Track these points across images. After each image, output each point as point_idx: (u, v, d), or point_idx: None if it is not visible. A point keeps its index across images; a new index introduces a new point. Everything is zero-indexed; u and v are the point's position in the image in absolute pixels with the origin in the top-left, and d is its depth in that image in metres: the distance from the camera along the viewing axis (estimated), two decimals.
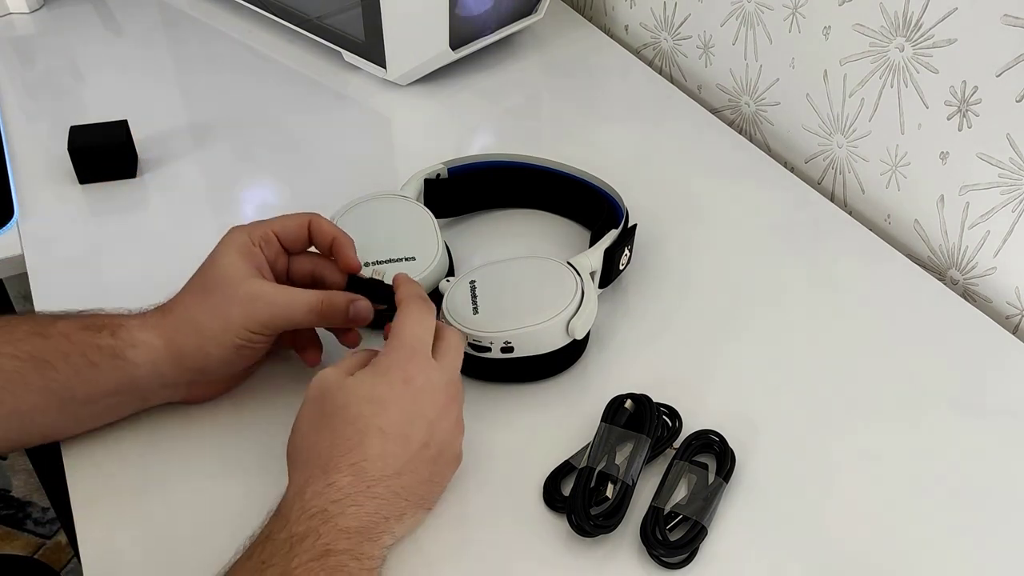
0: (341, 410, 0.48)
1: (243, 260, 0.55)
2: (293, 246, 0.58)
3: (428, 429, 0.49)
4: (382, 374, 0.49)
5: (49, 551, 1.38)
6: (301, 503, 0.45)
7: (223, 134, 0.84)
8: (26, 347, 0.52)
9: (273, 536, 0.44)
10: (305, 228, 0.57)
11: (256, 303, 0.53)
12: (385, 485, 0.47)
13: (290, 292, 0.54)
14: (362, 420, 0.47)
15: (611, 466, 0.53)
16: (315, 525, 0.44)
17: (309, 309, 0.54)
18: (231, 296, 0.53)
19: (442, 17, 0.85)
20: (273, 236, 0.57)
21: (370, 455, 0.47)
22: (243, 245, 0.55)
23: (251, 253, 0.55)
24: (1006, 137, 0.64)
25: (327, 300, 0.54)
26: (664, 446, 0.56)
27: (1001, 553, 0.52)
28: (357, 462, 0.47)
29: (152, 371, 0.54)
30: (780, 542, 0.52)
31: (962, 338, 0.66)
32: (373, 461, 0.47)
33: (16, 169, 0.79)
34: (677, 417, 0.57)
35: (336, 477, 0.46)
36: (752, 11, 0.82)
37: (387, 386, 0.49)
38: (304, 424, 0.50)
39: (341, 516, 0.45)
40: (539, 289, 0.60)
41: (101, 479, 0.54)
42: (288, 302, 0.54)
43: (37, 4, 1.01)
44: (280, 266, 0.58)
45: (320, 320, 0.55)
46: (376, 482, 0.47)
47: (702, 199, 0.78)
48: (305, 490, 0.46)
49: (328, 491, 0.46)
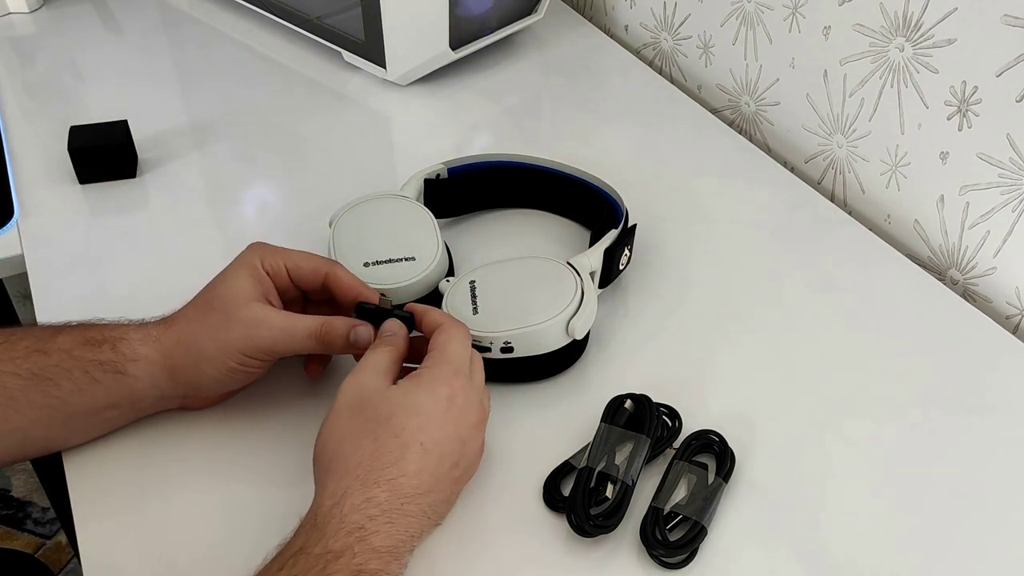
0: (386, 420, 0.47)
1: (251, 283, 0.54)
2: (303, 287, 0.57)
3: (461, 449, 0.49)
4: (428, 388, 0.49)
5: (49, 551, 1.38)
6: (339, 517, 0.44)
7: (223, 134, 0.84)
8: (27, 365, 0.52)
9: (307, 550, 0.44)
10: (320, 276, 0.56)
11: (256, 328, 0.53)
12: (417, 503, 0.47)
13: (290, 318, 0.54)
14: (406, 434, 0.47)
15: (611, 466, 0.53)
16: (351, 543, 0.44)
17: (308, 335, 0.53)
18: (232, 318, 0.53)
19: (442, 17, 0.85)
20: (284, 270, 0.55)
21: (408, 471, 0.46)
22: (254, 268, 0.55)
23: (260, 278, 0.55)
24: (1006, 137, 0.64)
25: (327, 326, 0.54)
26: (664, 446, 0.56)
27: (1001, 553, 0.52)
28: (396, 477, 0.46)
29: (150, 384, 0.54)
30: (780, 542, 0.52)
31: (962, 338, 0.66)
32: (410, 478, 0.46)
33: (16, 169, 0.79)
34: (677, 417, 0.57)
35: (375, 492, 0.45)
36: (752, 11, 0.82)
37: (433, 401, 0.48)
38: (341, 430, 0.48)
39: (376, 535, 0.44)
40: (539, 289, 0.60)
41: (101, 479, 0.54)
42: (287, 328, 0.53)
43: (37, 4, 1.01)
44: (291, 298, 0.57)
45: (320, 346, 0.54)
46: (409, 500, 0.46)
47: (702, 199, 0.78)
48: (344, 503, 0.45)
49: (366, 506, 0.45)
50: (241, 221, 0.75)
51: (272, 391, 0.59)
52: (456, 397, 0.49)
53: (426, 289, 0.62)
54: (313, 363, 0.59)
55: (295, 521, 0.52)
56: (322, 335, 0.53)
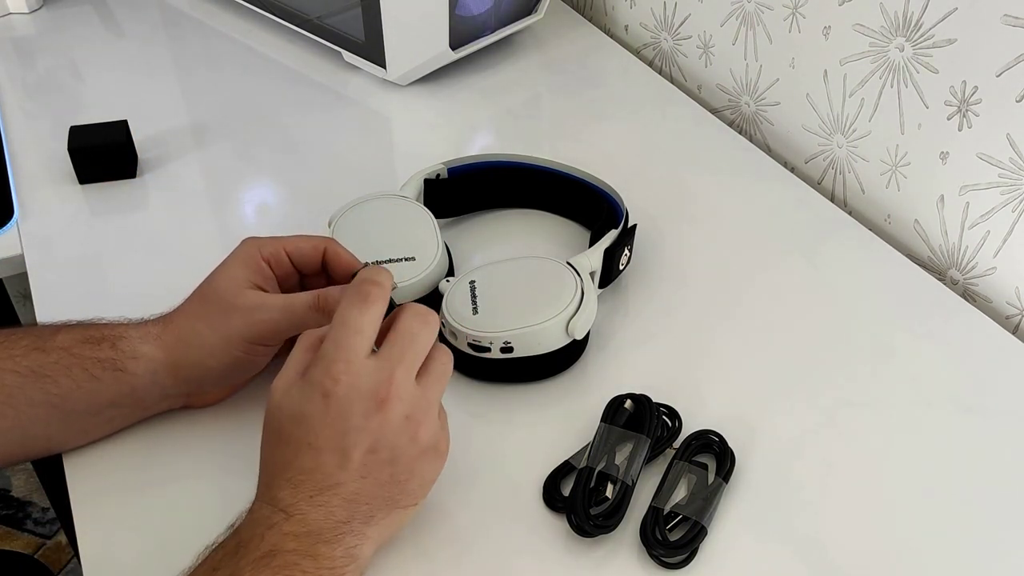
0: (276, 431, 0.47)
1: (245, 273, 0.54)
2: (304, 268, 0.57)
3: (370, 436, 0.46)
4: (307, 386, 0.46)
5: (49, 551, 1.38)
6: (249, 515, 0.46)
7: (223, 134, 0.84)
8: (26, 362, 0.52)
9: (223, 544, 0.45)
10: (320, 252, 0.56)
11: (256, 312, 0.53)
12: (331, 494, 0.46)
13: (287, 297, 0.54)
14: (293, 440, 0.46)
15: (611, 466, 0.53)
16: (260, 531, 0.44)
17: (308, 306, 0.53)
18: (230, 308, 0.53)
19: (442, 17, 0.85)
20: (284, 255, 0.55)
21: (305, 469, 0.46)
22: (250, 258, 0.55)
23: (258, 267, 0.54)
24: (1006, 137, 0.64)
25: (323, 293, 0.53)
26: (664, 446, 0.56)
27: (1001, 553, 0.52)
28: (293, 476, 0.46)
29: (152, 382, 0.54)
30: (780, 542, 0.52)
31: (962, 338, 0.66)
32: (310, 474, 0.46)
33: (16, 169, 0.79)
34: (677, 417, 0.57)
35: (276, 492, 0.46)
36: (752, 11, 0.82)
37: (309, 402, 0.46)
38: (261, 438, 0.49)
39: (285, 522, 0.45)
40: (539, 289, 0.60)
41: (101, 479, 0.54)
42: (286, 305, 0.53)
43: (37, 4, 1.01)
44: (290, 286, 0.57)
45: (322, 316, 0.54)
46: (318, 492, 0.46)
47: (702, 199, 0.78)
48: (252, 504, 0.47)
49: (270, 504, 0.46)
50: (241, 221, 0.75)
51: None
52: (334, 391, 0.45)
53: (426, 289, 0.62)
54: None
55: None
56: (321, 303, 0.53)
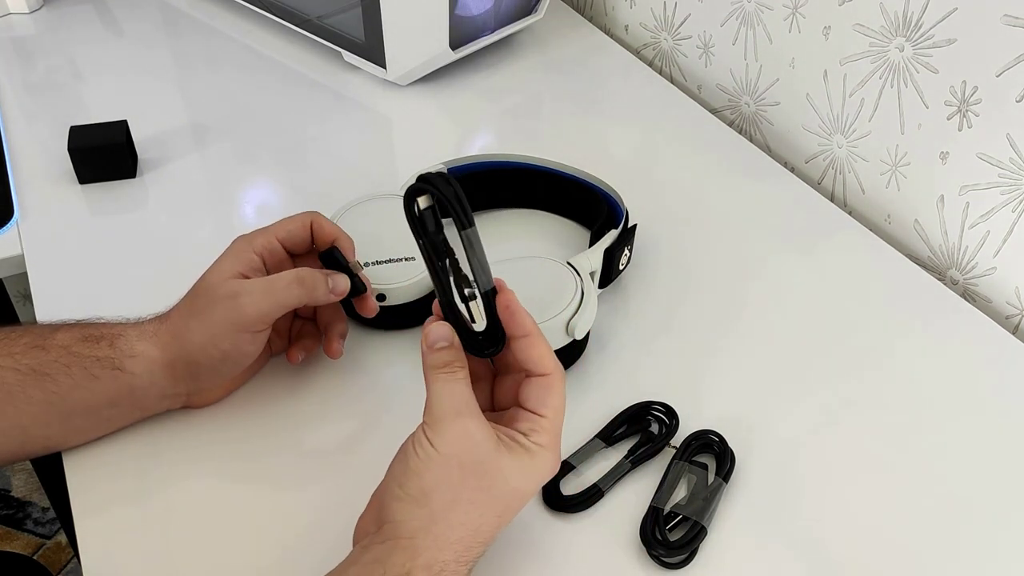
0: (497, 499, 0.45)
1: (231, 265, 0.54)
2: (298, 248, 0.58)
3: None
4: (537, 473, 0.46)
5: (49, 551, 1.38)
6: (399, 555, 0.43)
7: (223, 134, 0.84)
8: (26, 360, 0.52)
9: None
10: (308, 228, 0.57)
11: (237, 299, 0.53)
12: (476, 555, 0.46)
13: (267, 279, 0.54)
14: (507, 515, 0.46)
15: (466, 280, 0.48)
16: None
17: (288, 283, 0.54)
18: (213, 298, 0.53)
19: (442, 17, 0.85)
20: (277, 243, 0.56)
21: (488, 540, 0.46)
22: (240, 252, 0.55)
23: (248, 260, 0.55)
24: (1006, 137, 0.64)
25: (303, 269, 0.55)
26: (661, 444, 0.56)
27: (1001, 553, 0.52)
28: (476, 548, 0.45)
29: (149, 381, 0.54)
30: (780, 542, 0.52)
31: (962, 338, 0.66)
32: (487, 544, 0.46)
33: (16, 169, 0.79)
34: (674, 415, 0.57)
35: (463, 571, 0.44)
36: (752, 11, 0.82)
37: (536, 484, 0.47)
38: (453, 489, 0.44)
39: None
40: (539, 289, 0.60)
41: (101, 479, 0.54)
42: (267, 287, 0.54)
43: (37, 4, 1.01)
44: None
45: (303, 291, 0.54)
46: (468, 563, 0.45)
47: (702, 199, 0.78)
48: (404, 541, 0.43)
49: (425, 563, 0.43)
50: (240, 221, 0.75)
51: (272, 391, 0.60)
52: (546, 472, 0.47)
53: (426, 289, 0.61)
54: (294, 348, 0.60)
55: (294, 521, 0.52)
56: (302, 278, 0.54)
